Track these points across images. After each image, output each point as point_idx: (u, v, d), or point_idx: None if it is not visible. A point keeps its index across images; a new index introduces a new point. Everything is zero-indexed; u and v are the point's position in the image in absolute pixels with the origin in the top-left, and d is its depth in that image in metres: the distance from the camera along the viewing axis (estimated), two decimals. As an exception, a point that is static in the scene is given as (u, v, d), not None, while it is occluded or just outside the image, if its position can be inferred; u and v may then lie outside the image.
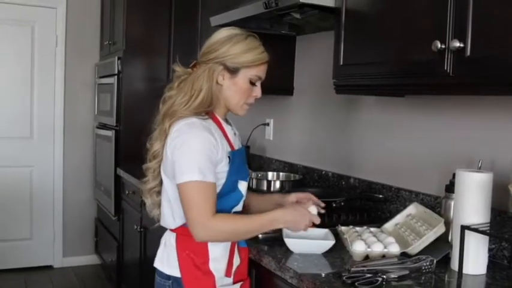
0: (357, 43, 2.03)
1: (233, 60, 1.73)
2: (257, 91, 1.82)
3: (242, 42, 1.74)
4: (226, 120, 1.88)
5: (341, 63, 2.10)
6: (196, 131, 1.68)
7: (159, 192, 1.85)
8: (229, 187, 1.76)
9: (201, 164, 1.64)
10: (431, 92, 1.87)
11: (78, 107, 5.06)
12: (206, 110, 1.76)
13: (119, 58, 4.24)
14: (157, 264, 1.83)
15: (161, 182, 1.82)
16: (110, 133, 4.34)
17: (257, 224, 1.74)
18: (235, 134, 1.89)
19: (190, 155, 1.66)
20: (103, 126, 4.71)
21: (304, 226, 1.79)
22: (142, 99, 4.24)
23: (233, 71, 1.75)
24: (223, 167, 1.73)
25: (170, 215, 1.79)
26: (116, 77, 4.26)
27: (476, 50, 1.50)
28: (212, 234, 1.68)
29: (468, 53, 1.52)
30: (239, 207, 1.84)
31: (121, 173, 4.06)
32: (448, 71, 1.57)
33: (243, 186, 1.82)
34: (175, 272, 1.75)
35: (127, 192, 3.92)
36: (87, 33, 5.04)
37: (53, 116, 4.95)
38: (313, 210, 1.85)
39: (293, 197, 1.95)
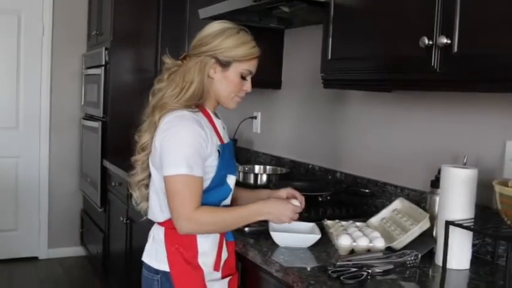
0: (345, 38, 2.03)
1: (225, 53, 1.73)
2: (247, 85, 1.82)
3: (234, 36, 1.75)
4: (216, 114, 1.88)
5: (329, 57, 2.10)
6: (186, 123, 1.68)
7: (147, 185, 1.85)
8: (218, 181, 1.76)
9: (189, 158, 1.64)
10: (418, 87, 1.88)
11: (64, 98, 5.02)
12: (196, 103, 1.75)
13: (106, 49, 4.21)
14: (146, 258, 1.82)
15: (150, 175, 1.81)
16: (97, 124, 4.31)
17: (240, 216, 1.75)
18: (224, 128, 1.89)
19: (179, 148, 1.66)
20: (90, 118, 4.69)
21: (287, 218, 1.79)
22: (129, 90, 4.22)
23: (225, 65, 1.75)
24: (213, 161, 1.73)
25: (158, 208, 1.78)
26: (103, 68, 4.24)
27: (463, 47, 1.51)
28: (195, 227, 1.69)
29: (455, 49, 1.52)
30: (227, 201, 1.85)
31: (107, 164, 4.04)
32: (435, 67, 1.58)
33: (231, 180, 1.83)
34: (164, 267, 1.74)
35: (113, 183, 3.90)
36: (75, 22, 4.99)
37: (39, 106, 4.91)
38: (296, 202, 1.86)
39: (283, 192, 1.94)
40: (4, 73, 4.77)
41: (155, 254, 1.78)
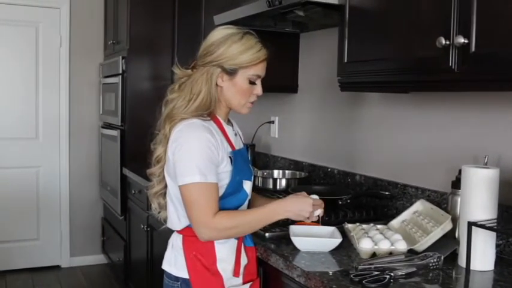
0: (361, 40, 2.02)
1: (230, 62, 1.72)
2: (258, 89, 1.80)
3: (238, 43, 1.73)
4: (228, 121, 1.89)
5: (345, 60, 2.09)
6: (196, 131, 1.68)
7: (165, 194, 1.86)
8: (234, 187, 1.76)
9: (201, 165, 1.65)
10: (436, 88, 1.87)
11: (83, 107, 5.07)
12: (207, 112, 1.76)
13: (123, 57, 4.24)
14: (166, 266, 1.84)
15: (166, 185, 1.82)
16: (115, 133, 4.35)
17: (259, 216, 1.73)
18: (236, 134, 1.90)
19: (191, 156, 1.66)
20: (108, 126, 4.72)
21: (307, 213, 1.75)
22: (147, 98, 4.25)
23: (231, 73, 1.74)
24: (226, 167, 1.73)
25: (175, 216, 1.79)
26: (120, 76, 4.27)
27: (480, 46, 1.49)
28: (216, 233, 1.69)
29: (473, 48, 1.51)
30: (244, 207, 1.84)
31: (127, 172, 4.06)
32: (453, 67, 1.57)
33: (247, 186, 1.82)
34: (184, 274, 1.75)
35: (133, 191, 3.93)
36: (91, 32, 5.04)
37: (58, 116, 4.96)
38: (315, 196, 1.82)
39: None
40: (23, 84, 4.82)
41: (174, 262, 1.79)
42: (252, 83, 1.78)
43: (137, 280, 3.95)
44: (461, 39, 1.51)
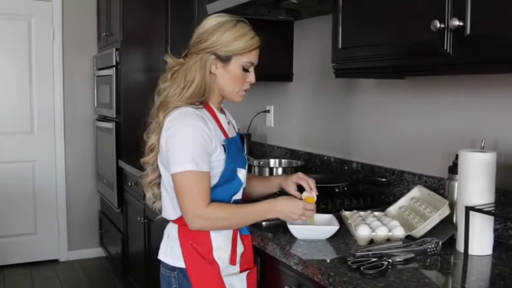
0: (355, 25, 2.00)
1: (224, 49, 1.73)
2: (251, 77, 1.81)
3: (231, 30, 1.73)
4: (221, 109, 1.88)
5: (340, 46, 2.07)
6: (189, 120, 1.68)
7: (159, 184, 1.85)
8: (229, 175, 1.76)
9: (194, 154, 1.64)
10: (432, 72, 1.85)
11: (77, 100, 5.04)
12: (200, 100, 1.75)
13: (116, 49, 4.22)
14: (162, 256, 1.83)
15: (160, 175, 1.82)
16: (110, 125, 4.33)
17: (250, 212, 1.75)
18: (229, 123, 1.89)
19: (183, 145, 1.66)
20: (103, 119, 4.70)
21: (296, 216, 1.76)
22: (141, 89, 4.22)
23: (225, 60, 1.74)
24: (219, 156, 1.73)
25: (170, 206, 1.79)
26: (114, 68, 4.25)
27: (476, 29, 1.48)
28: (206, 223, 1.69)
29: (468, 31, 1.49)
30: (239, 195, 1.84)
31: (123, 164, 4.05)
32: (448, 50, 1.55)
33: (242, 174, 1.82)
34: (180, 263, 1.75)
35: (129, 183, 3.91)
36: (84, 25, 5.01)
37: (53, 109, 4.94)
38: (310, 207, 1.80)
39: (294, 178, 1.93)
40: (17, 79, 4.79)
41: (170, 252, 1.79)
42: (245, 70, 1.78)
43: (136, 272, 3.95)
44: (456, 22, 1.50)
